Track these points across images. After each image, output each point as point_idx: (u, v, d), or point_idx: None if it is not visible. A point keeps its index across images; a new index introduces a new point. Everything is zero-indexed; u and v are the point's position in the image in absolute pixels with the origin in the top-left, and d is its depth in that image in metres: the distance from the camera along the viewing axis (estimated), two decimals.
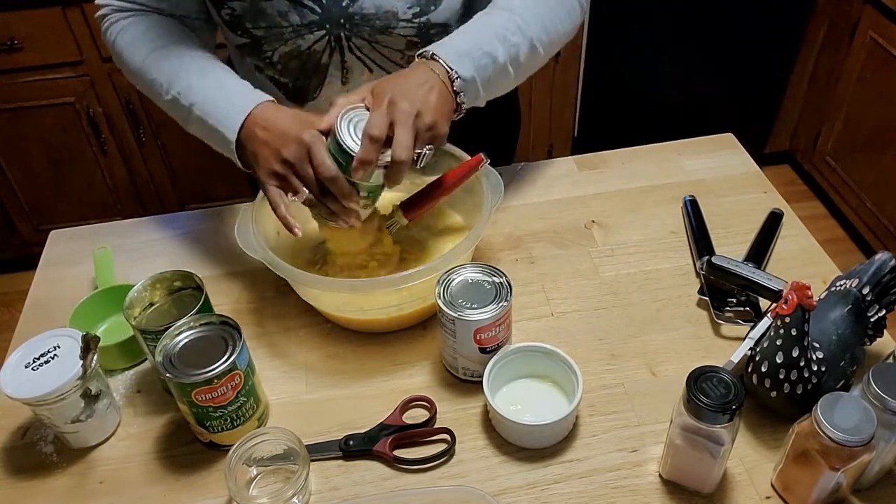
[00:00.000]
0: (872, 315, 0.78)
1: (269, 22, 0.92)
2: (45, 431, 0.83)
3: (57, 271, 1.04)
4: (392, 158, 0.77)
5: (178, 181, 2.24)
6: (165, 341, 0.74)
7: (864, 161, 2.20)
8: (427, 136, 0.79)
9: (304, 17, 0.92)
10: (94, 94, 2.00)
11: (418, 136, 0.78)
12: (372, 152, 0.76)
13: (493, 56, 0.85)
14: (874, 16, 2.05)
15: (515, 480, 0.75)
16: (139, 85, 0.95)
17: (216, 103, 0.87)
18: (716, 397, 0.65)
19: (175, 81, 0.90)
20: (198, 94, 0.88)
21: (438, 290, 0.79)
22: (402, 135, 0.76)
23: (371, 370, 0.87)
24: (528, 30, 0.88)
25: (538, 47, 0.89)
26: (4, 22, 1.84)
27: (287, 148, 0.80)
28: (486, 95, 0.87)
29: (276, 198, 0.81)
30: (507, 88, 0.91)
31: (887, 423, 0.66)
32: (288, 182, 0.81)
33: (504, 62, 0.86)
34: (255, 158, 0.84)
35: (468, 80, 0.83)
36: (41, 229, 2.22)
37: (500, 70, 0.86)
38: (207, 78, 0.90)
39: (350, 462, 0.78)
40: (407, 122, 0.76)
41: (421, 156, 0.79)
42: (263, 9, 0.91)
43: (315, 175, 0.79)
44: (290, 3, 0.90)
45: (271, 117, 0.83)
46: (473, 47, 0.84)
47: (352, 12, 0.91)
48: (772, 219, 1.01)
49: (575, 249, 1.01)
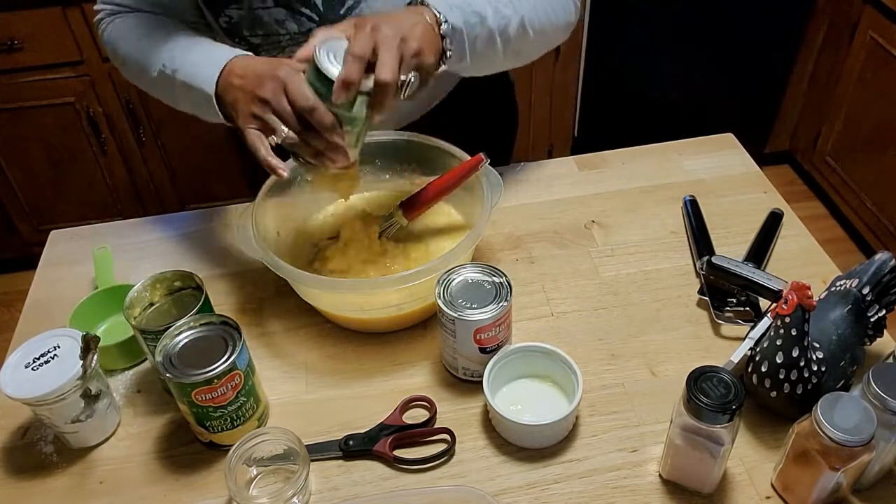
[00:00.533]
0: (872, 315, 0.78)
1: (266, 30, 0.92)
2: (45, 431, 0.83)
3: (57, 271, 1.04)
4: (375, 80, 0.73)
5: (178, 181, 2.24)
6: (165, 341, 0.74)
7: (864, 161, 2.20)
8: (412, 62, 0.75)
9: (302, 25, 0.92)
10: (94, 94, 2.00)
11: (403, 61, 0.74)
12: (355, 72, 0.72)
13: (483, 16, 0.83)
14: (874, 16, 2.05)
15: (515, 480, 0.75)
16: (133, 75, 0.94)
17: (196, 64, 0.86)
18: (716, 397, 0.65)
19: (161, 56, 0.89)
20: (179, 60, 0.87)
21: (438, 290, 0.79)
22: (387, 56, 0.73)
23: (371, 370, 0.87)
24: (519, 7, 0.87)
25: (528, 28, 0.88)
26: (4, 22, 1.84)
27: (262, 87, 0.77)
28: (472, 58, 0.85)
29: (255, 140, 0.78)
30: (495, 63, 0.89)
31: (887, 423, 0.66)
32: (266, 123, 0.78)
33: (492, 28, 0.85)
34: (234, 106, 0.81)
35: (456, 27, 0.81)
36: (41, 229, 2.22)
37: (488, 35, 0.85)
38: (191, 45, 0.89)
39: (350, 462, 0.78)
40: (391, 45, 0.73)
41: (405, 83, 0.75)
42: (261, 17, 0.91)
43: (294, 109, 0.76)
44: (287, 12, 0.90)
45: (247, 64, 0.82)
46: (464, 3, 0.83)
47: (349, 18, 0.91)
48: (772, 219, 1.01)
49: (575, 249, 1.01)
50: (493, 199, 0.88)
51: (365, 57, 0.73)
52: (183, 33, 0.91)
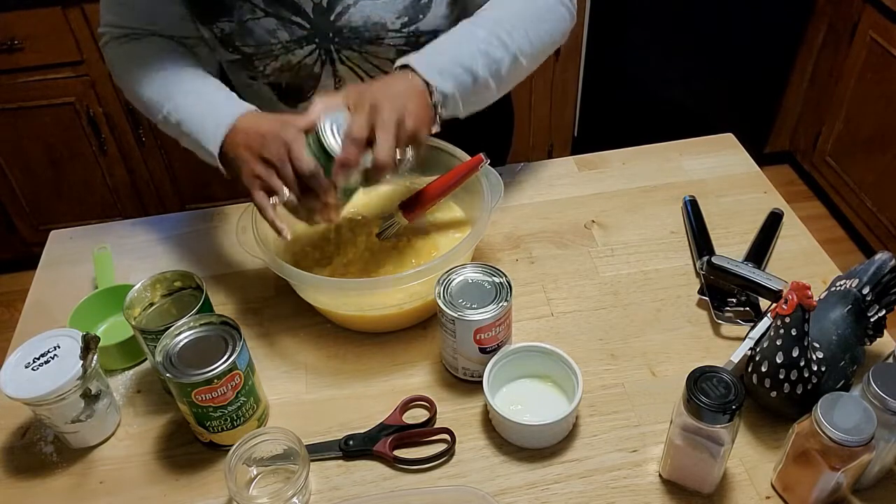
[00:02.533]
0: (872, 315, 0.78)
1: (258, 40, 0.92)
2: (45, 431, 0.83)
3: (57, 271, 1.04)
4: (374, 162, 0.77)
5: (178, 181, 2.24)
6: (165, 341, 0.74)
7: (864, 161, 2.20)
8: (409, 142, 0.79)
9: (293, 34, 0.92)
10: (94, 94, 2.00)
11: (399, 142, 0.77)
12: (353, 154, 0.76)
13: (474, 72, 0.84)
14: (874, 16, 2.05)
15: (515, 480, 0.75)
16: (138, 106, 0.96)
17: (201, 119, 0.88)
18: (716, 397, 0.65)
19: (165, 101, 0.90)
20: (183, 112, 0.89)
21: (438, 290, 0.79)
22: (384, 139, 0.76)
23: (371, 370, 0.87)
24: (511, 43, 0.87)
25: (521, 60, 0.88)
26: (4, 22, 1.84)
27: (267, 147, 0.79)
28: (466, 108, 0.86)
29: (262, 201, 0.81)
30: (489, 101, 0.90)
31: (887, 423, 0.66)
32: (270, 183, 0.80)
33: (485, 77, 0.85)
34: (238, 164, 0.83)
35: (448, 94, 0.82)
36: (41, 229, 2.22)
37: (481, 85, 0.86)
38: (193, 95, 0.90)
39: (350, 462, 0.78)
40: (389, 127, 0.76)
41: (402, 161, 0.79)
42: (252, 28, 0.91)
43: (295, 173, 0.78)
44: (278, 21, 0.90)
45: (253, 124, 0.84)
46: (453, 62, 0.84)
47: (340, 25, 0.91)
48: (772, 219, 1.01)
49: (575, 249, 1.01)
50: (493, 199, 0.88)
51: (363, 140, 0.76)
52: (183, 70, 0.92)
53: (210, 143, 0.86)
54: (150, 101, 0.92)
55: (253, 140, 0.81)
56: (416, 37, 0.93)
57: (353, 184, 0.80)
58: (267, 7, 0.90)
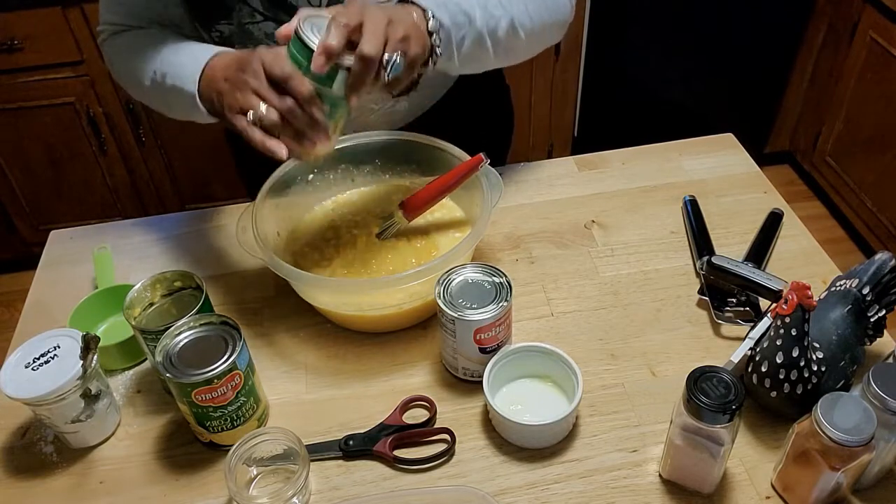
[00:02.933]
0: (872, 315, 0.78)
1: (256, 44, 0.92)
2: (45, 431, 0.83)
3: (57, 271, 1.04)
4: (358, 54, 0.70)
5: (178, 181, 2.24)
6: (165, 341, 0.74)
7: (864, 161, 2.20)
8: (398, 45, 0.73)
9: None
10: (94, 94, 2.00)
11: (388, 42, 0.72)
12: (336, 38, 0.69)
13: (470, 16, 0.82)
14: (874, 16, 2.05)
15: (515, 480, 0.75)
16: (132, 89, 0.95)
17: (182, 65, 0.86)
18: (716, 397, 0.65)
19: (153, 64, 0.89)
20: (167, 64, 0.88)
21: (438, 290, 0.79)
22: (372, 32, 0.70)
23: (371, 370, 0.87)
24: (509, 7, 0.86)
25: (518, 29, 0.87)
26: (4, 22, 1.84)
27: (242, 69, 0.76)
28: (460, 57, 0.84)
29: (245, 128, 0.75)
30: (484, 64, 0.89)
31: (887, 423, 0.66)
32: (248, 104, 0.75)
33: (481, 28, 0.84)
34: (219, 100, 0.80)
35: (443, 24, 0.79)
36: (41, 229, 2.22)
37: (477, 35, 0.84)
38: (178, 49, 0.89)
39: (350, 462, 0.78)
40: (379, 23, 0.71)
41: (389, 62, 0.72)
42: (251, 31, 0.91)
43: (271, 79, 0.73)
44: (276, 25, 0.90)
45: (229, 55, 0.81)
46: (451, 3, 0.82)
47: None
48: (772, 219, 1.01)
49: (575, 249, 1.01)
50: (493, 199, 0.88)
51: (349, 26, 0.70)
52: (173, 40, 0.91)
53: (189, 84, 0.84)
54: (140, 72, 0.90)
55: (229, 69, 0.78)
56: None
57: (337, 91, 0.73)
58: (266, 11, 0.90)
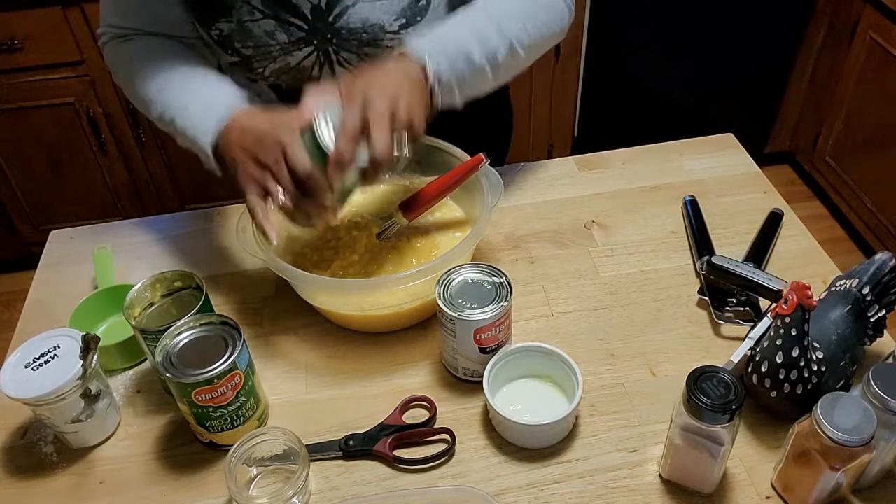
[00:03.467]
0: (872, 315, 0.78)
1: (256, 41, 0.92)
2: (45, 431, 0.83)
3: (57, 271, 1.04)
4: (370, 158, 0.75)
5: (178, 181, 2.24)
6: (165, 341, 0.74)
7: (864, 161, 2.20)
8: (406, 132, 0.77)
9: (292, 35, 0.92)
10: (94, 94, 2.00)
11: (395, 135, 0.76)
12: (348, 150, 0.74)
13: (470, 56, 0.84)
14: (874, 16, 2.05)
15: (515, 480, 0.75)
16: (136, 104, 0.95)
17: (193, 116, 0.87)
18: (716, 397, 0.65)
19: (159, 98, 0.90)
20: (177, 109, 0.88)
21: (438, 290, 0.79)
22: (379, 135, 0.74)
23: (371, 370, 0.87)
24: (507, 31, 0.87)
25: (518, 49, 0.88)
26: (4, 22, 1.84)
27: (262, 148, 0.78)
28: (462, 95, 0.86)
29: (254, 206, 0.79)
30: (486, 89, 0.90)
31: (887, 423, 0.66)
32: (265, 186, 0.79)
33: (481, 63, 0.85)
34: (233, 165, 0.82)
35: (443, 78, 0.82)
36: (41, 229, 2.22)
37: (477, 71, 0.85)
38: (187, 92, 0.90)
39: (350, 462, 0.78)
40: (383, 123, 0.74)
41: (399, 156, 0.77)
42: (250, 29, 0.91)
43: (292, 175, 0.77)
44: (276, 22, 0.90)
45: (247, 123, 0.83)
46: (450, 46, 0.83)
47: (338, 27, 0.91)
48: (772, 219, 1.01)
49: (575, 249, 1.01)
50: (493, 199, 0.88)
51: (357, 136, 0.75)
52: (180, 66, 0.92)
53: (202, 138, 0.85)
54: (146, 99, 0.92)
55: (248, 140, 0.81)
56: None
57: (350, 184, 0.79)
58: (265, 8, 0.90)
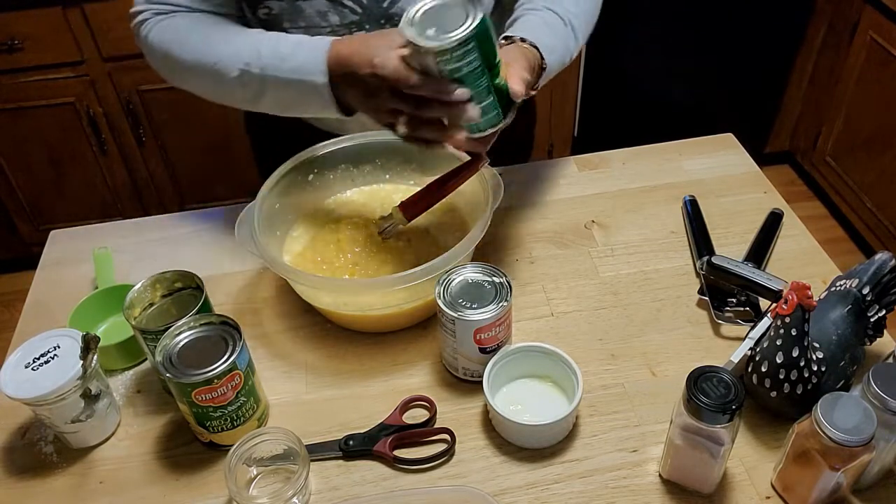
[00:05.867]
0: (872, 315, 0.78)
1: (307, 22, 0.91)
2: (45, 431, 0.83)
3: (57, 271, 1.04)
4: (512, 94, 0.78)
5: (178, 181, 2.24)
6: (165, 341, 0.74)
7: (864, 161, 2.20)
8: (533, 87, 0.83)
9: (344, 18, 0.91)
10: (94, 94, 2.00)
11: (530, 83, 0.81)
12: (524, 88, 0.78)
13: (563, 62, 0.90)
14: (874, 16, 2.05)
15: (515, 480, 0.75)
16: (192, 78, 0.91)
17: (292, 57, 0.83)
18: (716, 397, 0.65)
19: (240, 54, 0.85)
20: (268, 57, 0.84)
21: (438, 290, 0.79)
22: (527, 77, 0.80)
23: (371, 370, 0.87)
24: (580, 37, 0.93)
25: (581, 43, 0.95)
26: (4, 22, 1.84)
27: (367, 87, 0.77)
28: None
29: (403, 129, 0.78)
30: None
31: (887, 423, 0.66)
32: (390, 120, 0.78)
33: (560, 65, 0.90)
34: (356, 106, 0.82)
35: (548, 72, 0.86)
36: (41, 229, 2.22)
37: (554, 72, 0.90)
38: (274, 41, 0.86)
39: (350, 462, 0.78)
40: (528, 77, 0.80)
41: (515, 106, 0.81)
42: (302, 9, 0.90)
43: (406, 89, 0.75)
44: (329, 3, 0.90)
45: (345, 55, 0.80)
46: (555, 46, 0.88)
47: (392, 12, 0.91)
48: (772, 219, 1.01)
49: (575, 249, 1.01)
50: (493, 199, 0.88)
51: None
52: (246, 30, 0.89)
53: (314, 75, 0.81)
54: (220, 63, 0.86)
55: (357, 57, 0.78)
56: None
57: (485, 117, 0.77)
58: None
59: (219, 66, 0.86)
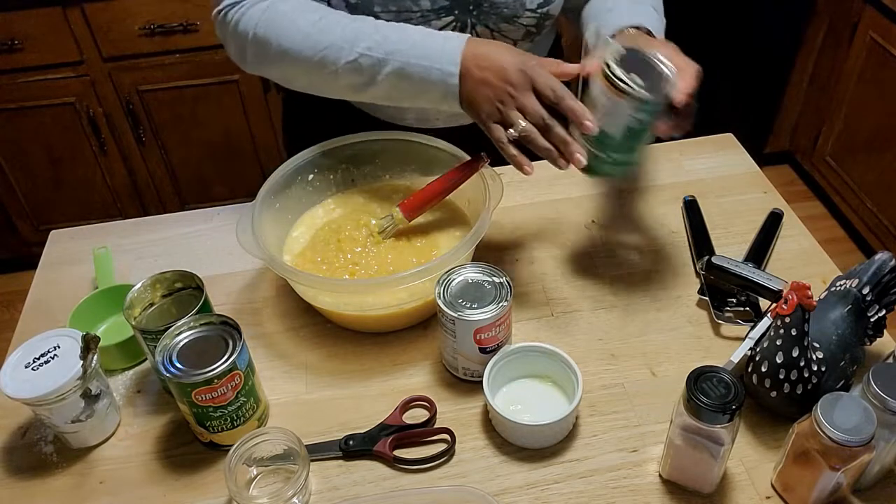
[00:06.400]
0: (872, 315, 0.78)
1: (399, 6, 0.91)
2: (45, 431, 0.83)
3: (57, 271, 1.04)
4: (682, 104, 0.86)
5: (178, 181, 2.24)
6: (165, 341, 0.74)
7: (864, 161, 2.20)
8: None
9: (435, 3, 0.91)
10: (94, 94, 2.00)
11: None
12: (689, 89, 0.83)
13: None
14: (874, 16, 2.05)
15: (515, 480, 0.75)
16: (289, 65, 0.88)
17: (423, 45, 0.83)
18: (716, 397, 0.65)
19: (360, 38, 0.84)
20: (396, 43, 0.83)
21: (438, 290, 0.79)
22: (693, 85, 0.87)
23: (371, 370, 0.87)
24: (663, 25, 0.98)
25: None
26: (4, 22, 1.84)
27: (508, 80, 0.78)
28: None
29: (502, 136, 0.80)
30: None
31: (887, 423, 0.66)
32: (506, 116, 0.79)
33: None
34: (474, 97, 0.81)
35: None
36: (41, 229, 2.22)
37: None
38: (400, 28, 0.85)
39: (350, 462, 0.78)
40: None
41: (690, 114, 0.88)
42: None
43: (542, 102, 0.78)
44: None
45: (487, 54, 0.81)
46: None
47: (481, 1, 0.92)
48: (772, 219, 1.01)
49: (575, 249, 1.01)
50: (493, 199, 0.88)
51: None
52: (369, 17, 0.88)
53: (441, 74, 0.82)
54: (333, 46, 0.84)
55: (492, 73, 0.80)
56: (544, 19, 0.97)
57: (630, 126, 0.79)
58: None
59: (329, 50, 0.85)
